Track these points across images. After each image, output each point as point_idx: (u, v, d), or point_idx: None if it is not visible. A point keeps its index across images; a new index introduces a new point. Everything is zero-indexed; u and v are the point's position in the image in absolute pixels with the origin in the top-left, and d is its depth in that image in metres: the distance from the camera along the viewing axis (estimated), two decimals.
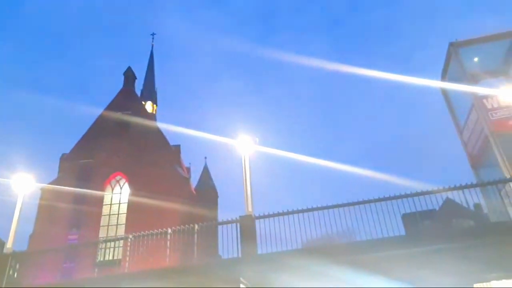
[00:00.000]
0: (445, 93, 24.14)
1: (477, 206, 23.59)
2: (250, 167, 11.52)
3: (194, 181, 37.29)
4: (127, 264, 11.30)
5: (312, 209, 11.03)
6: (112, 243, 13.09)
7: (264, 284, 9.35)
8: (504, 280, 8.70)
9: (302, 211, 11.06)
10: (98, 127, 32.83)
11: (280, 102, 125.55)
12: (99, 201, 29.03)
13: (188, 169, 37.98)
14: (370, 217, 10.13)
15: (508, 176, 12.13)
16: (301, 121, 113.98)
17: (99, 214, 28.72)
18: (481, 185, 12.93)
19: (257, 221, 10.71)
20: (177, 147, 33.27)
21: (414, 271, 8.76)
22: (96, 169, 30.17)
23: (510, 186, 16.48)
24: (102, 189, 29.63)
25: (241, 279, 8.61)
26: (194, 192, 34.18)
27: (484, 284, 8.64)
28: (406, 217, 11.41)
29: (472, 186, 11.67)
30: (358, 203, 10.56)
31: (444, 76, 24.81)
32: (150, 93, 45.08)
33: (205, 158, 39.41)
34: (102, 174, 30.04)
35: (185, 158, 36.67)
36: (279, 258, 9.74)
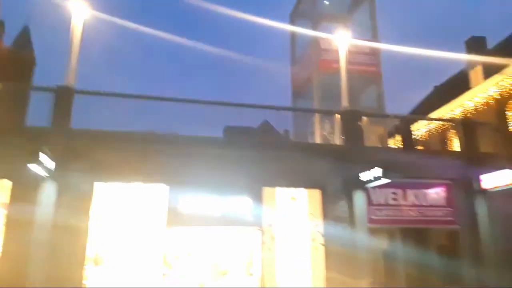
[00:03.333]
0: (292, 25, 25.86)
1: (286, 131, 27.30)
2: (82, 33, 10.25)
3: (8, 40, 31.30)
4: None
5: (140, 97, 10.78)
6: None
7: (74, 159, 8.94)
8: (285, 188, 10.52)
9: (130, 96, 10.69)
10: None
11: None
12: None
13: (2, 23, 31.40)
14: (195, 119, 10.56)
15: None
16: None
17: None
18: (293, 109, 14.84)
19: (78, 97, 9.86)
20: None
21: (220, 169, 9.73)
22: None
23: (315, 118, 19.47)
24: None
25: (44, 151, 7.92)
26: (6, 52, 28.84)
27: (270, 189, 10.27)
28: (227, 130, 12.41)
29: (285, 108, 13.30)
30: (184, 100, 10.79)
31: (295, 11, 26.36)
32: None
33: (27, 16, 33.16)
34: None
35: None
36: (97, 136, 9.38)
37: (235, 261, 10.11)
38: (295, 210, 10.70)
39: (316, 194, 10.61)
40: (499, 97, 21.53)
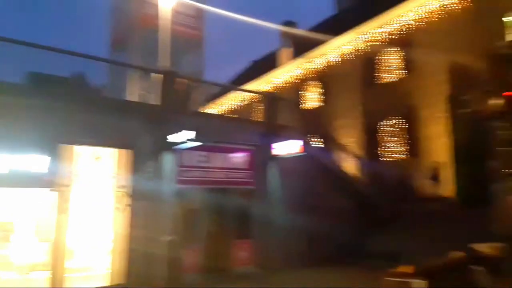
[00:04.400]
0: None
1: (100, 86, 25.30)
2: None
3: None
4: None
5: None
6: None
7: None
8: (90, 146, 9.79)
9: None
10: None
11: None
12: None
13: None
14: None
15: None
16: None
17: None
18: (109, 61, 13.81)
19: None
20: None
21: (12, 121, 8.34)
22: None
23: (133, 75, 18.58)
24: None
25: None
26: None
27: (70, 147, 9.39)
28: (30, 76, 10.65)
29: (100, 59, 12.28)
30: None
31: None
32: None
33: None
34: None
35: None
36: None
37: (24, 225, 9.01)
38: (99, 170, 10.13)
39: (125, 154, 10.24)
40: (301, 77, 24.86)
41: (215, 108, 29.13)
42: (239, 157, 12.27)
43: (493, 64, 14.00)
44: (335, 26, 22.06)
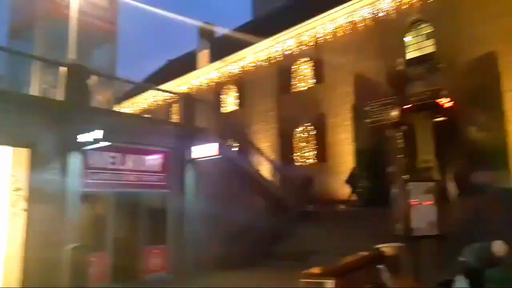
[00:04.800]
0: None
1: None
2: None
3: None
4: None
5: None
6: None
7: None
8: None
9: None
10: None
11: None
12: None
13: None
14: None
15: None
16: None
17: None
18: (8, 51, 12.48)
19: None
20: None
21: None
22: None
23: (36, 67, 16.89)
24: None
25: None
26: None
27: None
28: None
29: None
30: None
31: None
32: None
33: None
34: None
35: None
36: None
37: None
38: None
39: (23, 153, 9.24)
40: (218, 80, 24.91)
41: (128, 107, 27.80)
42: (153, 160, 11.83)
43: (392, 79, 15.48)
44: (252, 32, 22.55)
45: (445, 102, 14.07)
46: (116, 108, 17.47)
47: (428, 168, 13.97)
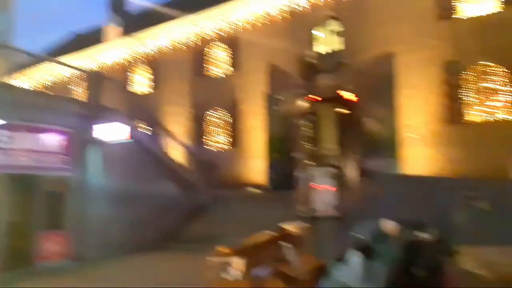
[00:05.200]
0: None
1: None
2: None
3: None
4: None
5: None
6: None
7: None
8: None
9: None
10: None
11: None
12: None
13: None
14: None
15: None
16: None
17: None
18: None
19: None
20: None
21: None
22: None
23: None
24: None
25: None
26: None
27: None
28: None
29: None
30: None
31: None
32: None
33: None
34: None
35: None
36: None
37: None
38: None
39: None
40: (130, 60, 23.71)
41: (24, 81, 25.10)
42: (52, 140, 10.89)
43: (302, 70, 16.27)
44: (167, 11, 21.75)
45: (349, 96, 15.22)
46: (9, 80, 15.68)
47: (330, 155, 15.05)
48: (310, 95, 15.38)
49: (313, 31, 17.96)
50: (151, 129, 16.42)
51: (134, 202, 11.70)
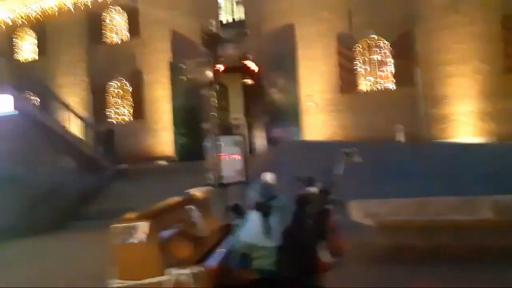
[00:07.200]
0: None
1: None
2: None
3: None
4: None
5: None
6: None
7: None
8: None
9: None
10: None
11: None
12: None
13: None
14: None
15: None
16: None
17: None
18: None
19: None
20: None
21: None
22: None
23: None
24: None
25: None
26: None
27: None
28: None
29: None
30: None
31: None
32: None
33: None
34: None
35: None
36: None
37: None
38: None
39: None
40: (12, 23, 20.99)
41: None
42: None
43: (206, 39, 16.04)
44: None
45: (252, 66, 15.52)
46: None
47: (237, 125, 15.35)
48: (215, 65, 15.34)
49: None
50: (42, 101, 15.01)
51: (26, 182, 10.74)
